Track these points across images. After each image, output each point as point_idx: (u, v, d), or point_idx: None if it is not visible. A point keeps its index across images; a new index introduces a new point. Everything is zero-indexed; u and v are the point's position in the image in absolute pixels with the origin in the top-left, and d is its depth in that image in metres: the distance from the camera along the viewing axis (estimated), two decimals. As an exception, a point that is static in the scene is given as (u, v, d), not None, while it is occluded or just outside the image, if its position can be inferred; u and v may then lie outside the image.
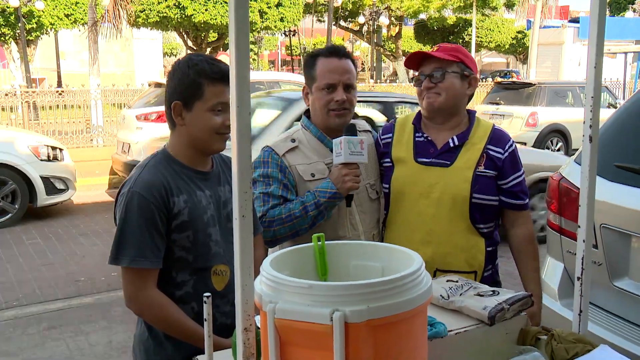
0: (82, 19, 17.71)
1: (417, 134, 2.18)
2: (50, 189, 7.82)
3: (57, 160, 8.01)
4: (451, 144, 2.11)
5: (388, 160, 2.20)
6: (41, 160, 7.78)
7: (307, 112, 2.22)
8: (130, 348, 2.02)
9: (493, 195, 2.11)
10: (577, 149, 2.35)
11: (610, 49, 16.56)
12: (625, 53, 16.42)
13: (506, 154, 2.12)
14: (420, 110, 2.23)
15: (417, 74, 2.16)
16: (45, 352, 4.20)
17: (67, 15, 17.98)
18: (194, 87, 1.78)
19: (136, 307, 1.79)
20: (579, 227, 1.65)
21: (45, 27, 18.38)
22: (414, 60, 2.15)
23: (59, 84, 24.56)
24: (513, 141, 2.18)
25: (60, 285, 5.51)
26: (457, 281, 1.77)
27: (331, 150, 2.07)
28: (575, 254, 1.67)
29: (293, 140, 2.15)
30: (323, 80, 2.08)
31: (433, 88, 2.09)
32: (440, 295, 1.66)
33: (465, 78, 2.11)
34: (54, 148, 8.05)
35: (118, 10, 13.25)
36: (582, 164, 1.64)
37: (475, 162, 2.09)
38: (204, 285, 1.83)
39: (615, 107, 10.88)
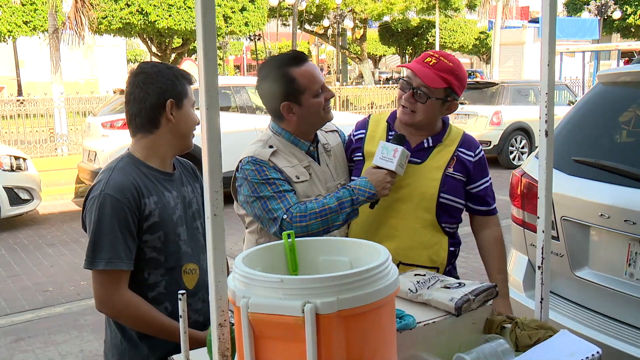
0: (41, 26, 17.26)
1: (390, 132, 2.20)
2: (14, 199, 7.66)
3: (21, 170, 7.86)
4: (425, 145, 2.15)
5: (359, 154, 2.22)
6: (4, 170, 7.63)
7: (274, 119, 2.16)
8: (102, 356, 2.01)
9: (460, 198, 2.16)
10: (539, 146, 2.46)
11: (568, 48, 16.99)
12: (583, 52, 16.86)
13: (477, 157, 2.18)
14: (395, 110, 2.24)
15: (405, 75, 2.14)
16: (14, 364, 4.14)
17: (25, 23, 17.53)
18: (181, 85, 1.86)
19: (110, 310, 1.79)
20: (538, 218, 1.73)
21: (2, 35, 17.93)
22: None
23: (20, 93, 24.03)
24: (481, 148, 2.24)
25: (28, 296, 5.41)
26: (424, 275, 1.83)
27: (306, 152, 2.10)
28: (537, 246, 1.74)
29: (271, 146, 2.08)
30: (316, 85, 2.05)
31: (412, 104, 2.09)
32: (409, 289, 1.71)
33: (446, 102, 2.12)
34: (17, 158, 7.90)
35: (79, 17, 12.98)
36: (539, 157, 1.71)
37: (445, 163, 2.13)
38: (176, 284, 1.85)
39: (575, 105, 11.13)
